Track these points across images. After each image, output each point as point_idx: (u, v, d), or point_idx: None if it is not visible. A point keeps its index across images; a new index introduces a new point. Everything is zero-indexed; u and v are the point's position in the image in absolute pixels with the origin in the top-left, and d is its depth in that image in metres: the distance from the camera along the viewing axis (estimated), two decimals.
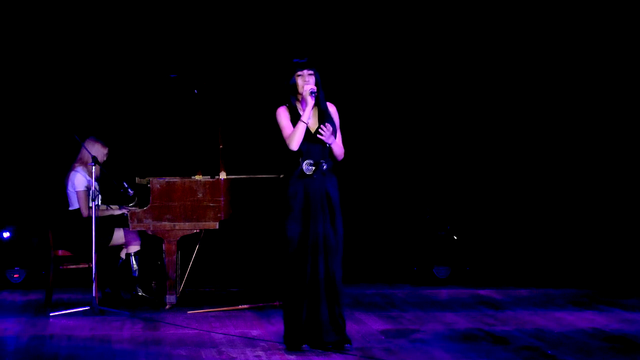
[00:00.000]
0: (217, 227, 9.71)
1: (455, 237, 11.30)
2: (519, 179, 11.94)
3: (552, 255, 11.75)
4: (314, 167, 7.51)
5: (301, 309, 7.45)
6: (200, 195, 9.67)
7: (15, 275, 11.09)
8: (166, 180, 9.71)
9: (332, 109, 7.67)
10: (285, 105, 7.60)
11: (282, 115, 7.57)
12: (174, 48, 11.43)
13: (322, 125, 7.47)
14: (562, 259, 11.72)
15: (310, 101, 7.49)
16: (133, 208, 9.83)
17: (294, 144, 7.49)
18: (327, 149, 7.55)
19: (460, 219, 11.76)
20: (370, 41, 11.80)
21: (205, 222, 9.69)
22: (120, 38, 11.45)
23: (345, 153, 7.66)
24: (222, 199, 9.67)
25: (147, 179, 9.83)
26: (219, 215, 9.68)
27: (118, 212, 9.83)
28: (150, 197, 9.66)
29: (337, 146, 7.58)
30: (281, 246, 7.53)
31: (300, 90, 7.54)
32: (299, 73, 7.55)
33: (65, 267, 9.74)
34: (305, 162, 7.51)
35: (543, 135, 11.93)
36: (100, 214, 9.64)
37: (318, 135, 7.49)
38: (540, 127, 11.93)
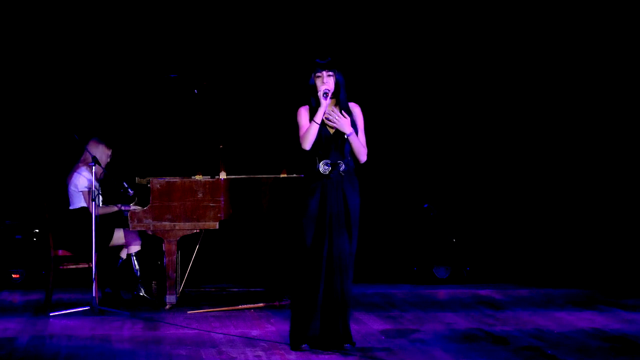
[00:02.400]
0: (217, 227, 9.71)
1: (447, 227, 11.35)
2: (519, 179, 11.95)
3: (552, 255, 11.75)
4: (330, 168, 7.49)
5: (312, 311, 7.43)
6: (200, 195, 9.67)
7: (15, 276, 11.10)
8: (166, 180, 9.72)
9: (356, 109, 7.62)
10: (306, 105, 7.58)
11: (302, 115, 7.55)
12: (174, 48, 11.43)
13: (331, 111, 7.46)
14: (562, 259, 11.72)
15: (324, 101, 7.45)
16: (133, 207, 9.83)
17: (307, 143, 7.47)
18: (347, 151, 7.52)
19: (460, 219, 11.76)
20: (369, 41, 11.80)
21: (205, 222, 9.69)
22: (121, 38, 11.45)
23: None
24: (222, 199, 9.67)
25: (147, 179, 9.83)
26: (219, 215, 9.68)
27: (123, 208, 9.83)
28: (150, 197, 9.66)
29: (359, 143, 7.54)
30: (295, 245, 7.52)
31: (318, 91, 7.51)
32: (318, 74, 7.52)
33: (65, 267, 9.74)
34: (322, 162, 7.50)
35: (543, 135, 11.93)
36: (102, 211, 9.66)
37: (327, 122, 7.47)
38: (540, 128, 11.93)
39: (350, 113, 7.57)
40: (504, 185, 11.95)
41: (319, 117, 7.46)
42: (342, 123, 7.47)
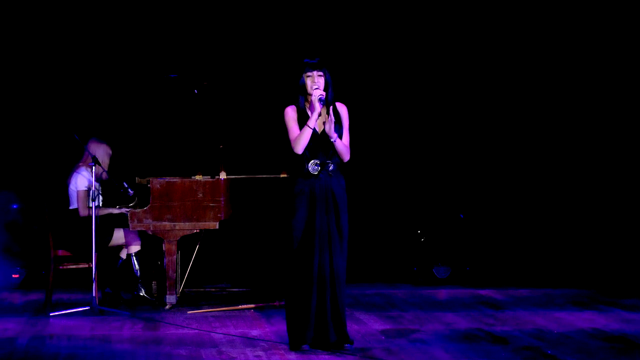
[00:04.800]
0: (217, 227, 9.71)
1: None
2: (519, 178, 11.94)
3: (552, 255, 11.75)
4: (319, 168, 7.50)
5: (306, 307, 7.44)
6: (200, 195, 9.67)
7: (15, 275, 11.09)
8: (166, 180, 9.72)
9: (342, 109, 7.63)
10: (294, 105, 7.58)
11: (290, 115, 7.55)
12: (174, 48, 11.43)
13: (328, 116, 7.46)
14: (562, 259, 11.72)
15: (318, 107, 7.45)
16: (127, 210, 9.81)
17: (299, 147, 7.48)
18: (334, 150, 7.53)
19: (461, 219, 11.76)
20: (379, 42, 11.81)
21: (205, 222, 9.69)
22: (121, 38, 11.45)
23: (351, 153, 7.62)
24: (222, 199, 9.67)
25: (147, 179, 9.83)
26: (219, 215, 9.68)
27: (117, 211, 9.83)
28: (150, 197, 9.66)
29: (343, 146, 7.55)
30: (286, 245, 7.52)
31: (309, 91, 7.51)
32: (309, 74, 7.52)
33: (65, 267, 9.74)
34: (311, 162, 7.51)
35: (543, 135, 11.93)
36: (100, 212, 9.64)
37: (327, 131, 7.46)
38: (540, 127, 11.93)
39: (337, 112, 7.58)
40: (504, 186, 11.95)
41: (312, 122, 7.47)
42: (330, 127, 7.47)
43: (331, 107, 7.51)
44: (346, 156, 7.59)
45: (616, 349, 7.62)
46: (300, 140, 7.46)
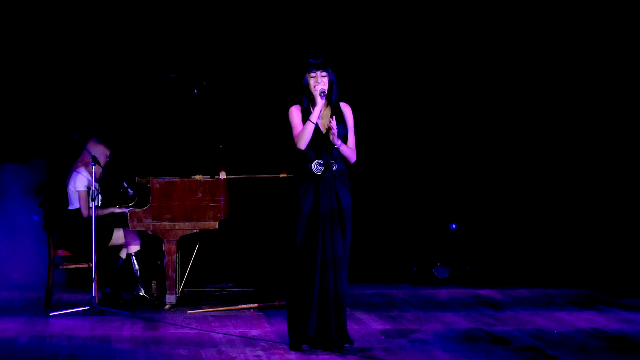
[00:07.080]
0: (217, 227, 9.71)
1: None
2: (519, 179, 11.94)
3: (552, 255, 11.75)
4: (323, 168, 7.49)
5: (308, 307, 7.45)
6: (200, 195, 9.67)
7: (15, 275, 11.10)
8: (166, 180, 9.72)
9: (346, 110, 7.63)
10: (299, 105, 7.58)
11: (294, 114, 7.56)
12: (174, 48, 11.43)
13: (330, 121, 7.46)
14: (563, 259, 11.72)
15: (320, 101, 7.46)
16: (127, 210, 9.82)
17: (302, 143, 7.48)
18: (338, 150, 7.52)
19: (461, 218, 11.76)
20: (374, 42, 11.81)
21: (205, 222, 9.69)
22: (121, 38, 11.45)
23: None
24: (222, 199, 9.68)
25: (147, 179, 9.83)
26: (219, 215, 9.68)
27: (118, 210, 9.83)
28: (150, 197, 9.66)
29: (348, 150, 7.55)
30: (289, 245, 7.52)
31: (312, 91, 7.51)
32: (312, 74, 7.52)
33: (65, 267, 9.75)
34: (315, 162, 7.50)
35: (543, 135, 11.93)
36: (101, 212, 9.65)
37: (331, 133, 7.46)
38: (540, 127, 11.93)
39: (341, 112, 7.58)
40: (504, 185, 11.94)
41: (315, 117, 7.47)
42: (332, 135, 7.46)
43: (334, 118, 7.49)
44: (352, 159, 7.59)
45: (616, 349, 7.63)
46: (303, 136, 7.46)
